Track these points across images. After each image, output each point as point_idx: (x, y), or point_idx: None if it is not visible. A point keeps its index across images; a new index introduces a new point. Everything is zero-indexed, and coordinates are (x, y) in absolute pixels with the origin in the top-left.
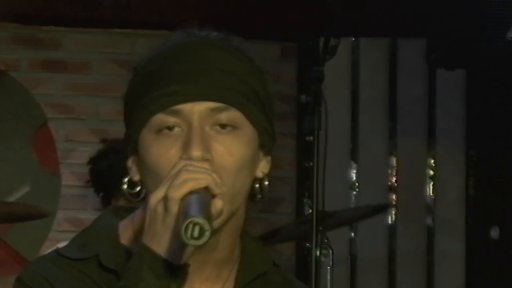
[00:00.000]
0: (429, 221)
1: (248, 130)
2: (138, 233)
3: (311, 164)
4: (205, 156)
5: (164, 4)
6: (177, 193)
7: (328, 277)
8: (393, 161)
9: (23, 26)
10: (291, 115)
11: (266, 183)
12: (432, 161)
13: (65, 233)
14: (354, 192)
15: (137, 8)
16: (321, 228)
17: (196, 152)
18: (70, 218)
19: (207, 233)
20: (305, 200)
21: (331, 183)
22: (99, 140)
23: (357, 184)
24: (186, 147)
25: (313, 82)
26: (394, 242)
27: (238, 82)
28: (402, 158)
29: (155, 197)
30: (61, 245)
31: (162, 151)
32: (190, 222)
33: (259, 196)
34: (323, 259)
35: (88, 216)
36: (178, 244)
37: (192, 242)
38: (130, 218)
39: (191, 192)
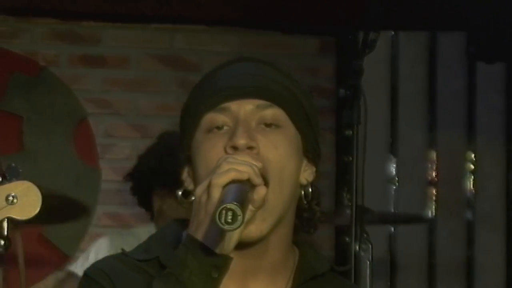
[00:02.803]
0: (469, 215)
1: (291, 131)
2: None
3: (350, 158)
4: (250, 144)
5: None
6: (219, 180)
7: (368, 272)
8: (433, 155)
9: (63, 21)
10: (330, 109)
11: (310, 190)
12: (472, 155)
13: (104, 228)
14: (394, 187)
15: (176, 3)
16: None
17: (240, 140)
18: (110, 213)
19: (239, 218)
20: (344, 194)
21: (370, 177)
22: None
23: (396, 178)
24: (231, 137)
25: (352, 76)
26: (434, 237)
27: (282, 89)
28: (441, 152)
29: (200, 188)
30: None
31: (210, 146)
32: (223, 208)
33: (304, 202)
34: (362, 253)
35: (128, 211)
36: (217, 232)
37: (226, 227)
38: None
39: (233, 182)
